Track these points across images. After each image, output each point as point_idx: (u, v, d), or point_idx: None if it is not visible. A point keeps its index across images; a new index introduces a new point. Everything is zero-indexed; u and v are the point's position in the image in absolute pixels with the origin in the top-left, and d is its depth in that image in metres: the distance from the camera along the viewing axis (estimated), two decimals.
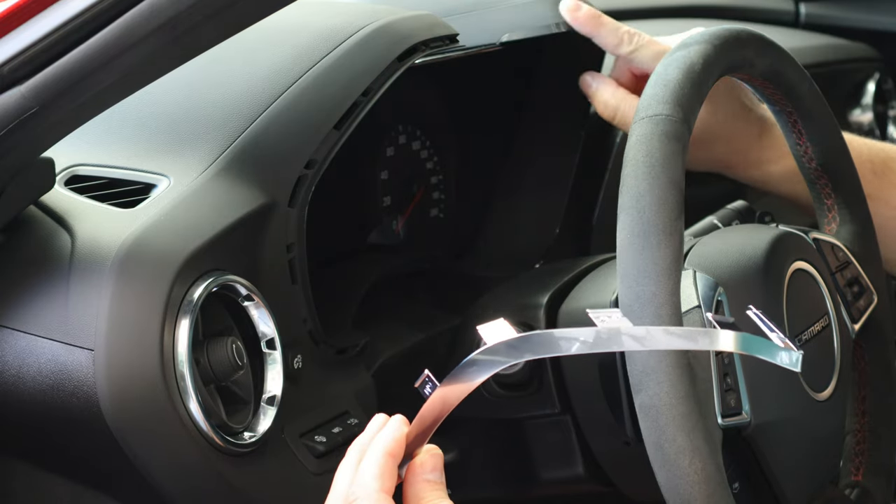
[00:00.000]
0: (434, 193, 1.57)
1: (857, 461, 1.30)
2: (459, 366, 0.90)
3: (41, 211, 1.14)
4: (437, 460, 0.94)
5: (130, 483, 1.10)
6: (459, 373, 0.90)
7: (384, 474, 0.92)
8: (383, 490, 0.91)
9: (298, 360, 1.18)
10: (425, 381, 0.93)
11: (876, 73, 2.33)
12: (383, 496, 0.91)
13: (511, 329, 0.90)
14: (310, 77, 1.24)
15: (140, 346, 1.05)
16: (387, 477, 0.92)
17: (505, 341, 0.89)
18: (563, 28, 1.42)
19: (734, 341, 0.89)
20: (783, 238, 1.20)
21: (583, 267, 1.32)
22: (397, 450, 0.93)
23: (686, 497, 0.98)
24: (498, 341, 0.89)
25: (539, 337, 0.88)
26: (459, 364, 0.90)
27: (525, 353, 0.89)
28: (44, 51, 0.99)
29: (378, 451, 0.93)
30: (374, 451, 0.93)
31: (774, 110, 1.25)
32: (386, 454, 0.93)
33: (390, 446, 0.93)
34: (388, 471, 0.92)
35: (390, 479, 0.92)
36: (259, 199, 1.16)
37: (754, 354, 0.91)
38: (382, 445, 0.93)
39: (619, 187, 1.03)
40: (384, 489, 0.92)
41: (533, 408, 1.26)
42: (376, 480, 0.92)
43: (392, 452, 0.93)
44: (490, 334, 0.90)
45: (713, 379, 1.06)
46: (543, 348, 0.88)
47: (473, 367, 0.90)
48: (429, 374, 0.93)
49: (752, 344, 0.90)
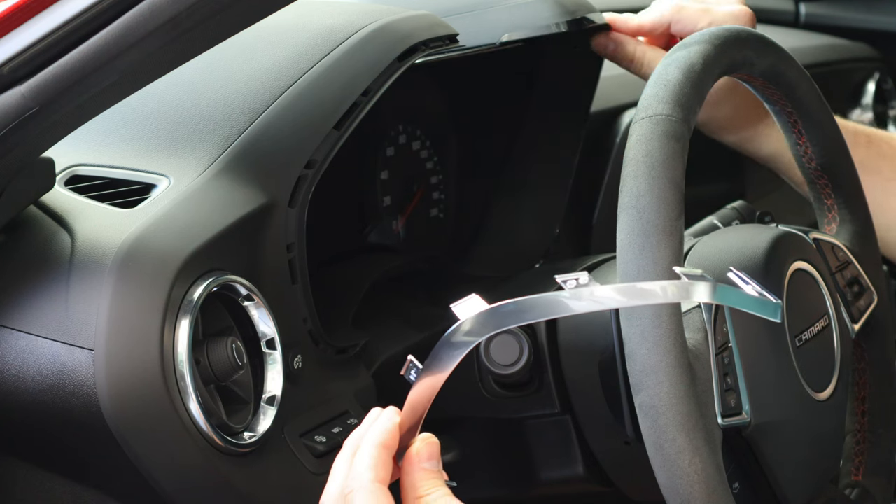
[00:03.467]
0: (434, 193, 1.57)
1: (857, 461, 1.30)
2: (437, 346, 0.91)
3: (41, 211, 1.14)
4: (433, 448, 0.95)
5: (130, 483, 1.10)
6: (438, 354, 0.91)
7: (378, 465, 0.92)
8: (378, 480, 0.92)
9: (298, 360, 1.18)
10: (409, 366, 0.94)
11: (876, 73, 2.34)
12: (378, 486, 0.91)
13: (483, 303, 0.90)
14: (310, 77, 1.24)
15: (140, 346, 1.05)
16: (381, 467, 0.92)
17: (476, 315, 0.90)
18: (563, 28, 1.42)
19: (709, 292, 0.89)
20: (783, 238, 1.20)
21: (583, 267, 1.32)
22: (390, 440, 0.94)
23: (686, 497, 0.98)
24: (469, 316, 0.90)
25: (508, 307, 0.89)
26: (436, 345, 0.91)
27: (498, 325, 0.90)
28: (44, 51, 0.99)
29: (371, 443, 0.93)
30: (368, 442, 0.94)
31: (774, 110, 1.25)
32: (379, 445, 0.93)
33: (383, 437, 0.93)
34: (383, 461, 0.93)
35: (385, 469, 0.93)
36: (259, 199, 1.16)
37: (730, 305, 0.92)
38: (375, 437, 0.94)
39: (619, 187, 1.03)
40: (379, 479, 0.92)
41: (533, 408, 1.26)
42: (371, 471, 0.92)
43: (385, 443, 0.93)
44: (463, 311, 0.91)
45: (713, 379, 1.06)
46: (514, 318, 0.89)
47: (450, 346, 0.91)
48: (412, 359, 0.94)
49: (728, 295, 0.91)
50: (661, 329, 0.99)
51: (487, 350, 1.22)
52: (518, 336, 1.22)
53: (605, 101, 1.66)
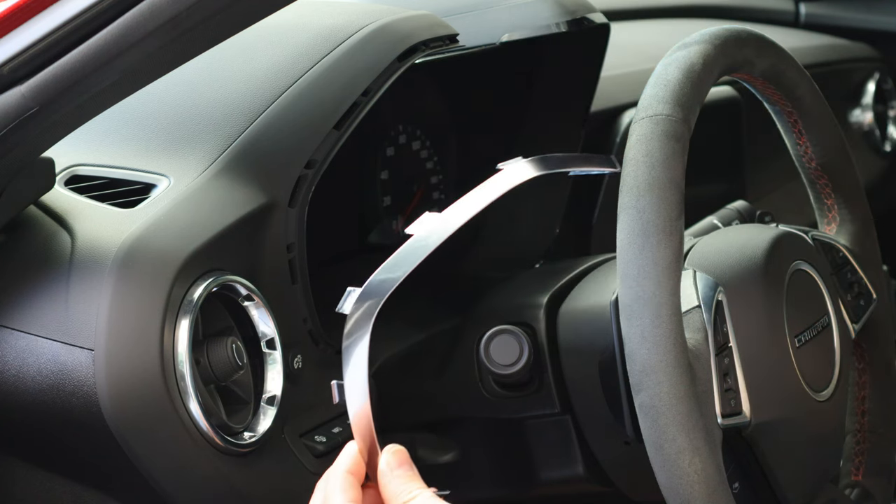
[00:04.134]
0: (434, 193, 1.57)
1: (857, 461, 1.30)
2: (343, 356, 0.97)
3: (41, 211, 1.14)
4: (400, 456, 0.97)
5: (130, 483, 1.10)
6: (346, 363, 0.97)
7: (348, 488, 0.96)
8: (351, 500, 0.95)
9: (298, 360, 1.18)
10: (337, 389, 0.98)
11: (876, 73, 2.34)
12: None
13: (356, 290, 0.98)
14: (310, 77, 1.24)
15: (140, 346, 1.05)
16: (351, 489, 0.96)
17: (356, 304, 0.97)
18: (563, 28, 1.43)
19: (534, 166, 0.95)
20: (783, 238, 1.20)
21: (583, 267, 1.32)
22: (354, 466, 0.97)
23: (686, 497, 0.98)
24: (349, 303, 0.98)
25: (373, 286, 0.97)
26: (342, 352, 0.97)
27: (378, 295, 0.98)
28: (44, 51, 0.99)
29: (337, 473, 0.97)
30: (334, 473, 0.97)
31: (774, 110, 1.25)
32: (345, 472, 0.97)
33: (346, 465, 0.97)
34: (351, 484, 0.96)
35: (354, 490, 0.96)
36: (259, 199, 1.16)
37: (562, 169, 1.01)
38: (339, 466, 0.97)
39: (619, 187, 1.03)
40: (351, 499, 0.95)
41: (533, 408, 1.26)
42: (342, 493, 0.95)
43: (350, 470, 0.97)
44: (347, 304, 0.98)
45: (713, 379, 1.06)
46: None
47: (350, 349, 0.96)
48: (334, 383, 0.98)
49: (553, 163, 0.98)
50: (661, 329, 0.99)
51: (487, 350, 1.22)
52: (518, 336, 1.22)
53: (605, 101, 1.66)
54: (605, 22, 1.50)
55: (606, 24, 1.50)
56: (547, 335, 1.24)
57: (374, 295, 0.99)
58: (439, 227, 0.99)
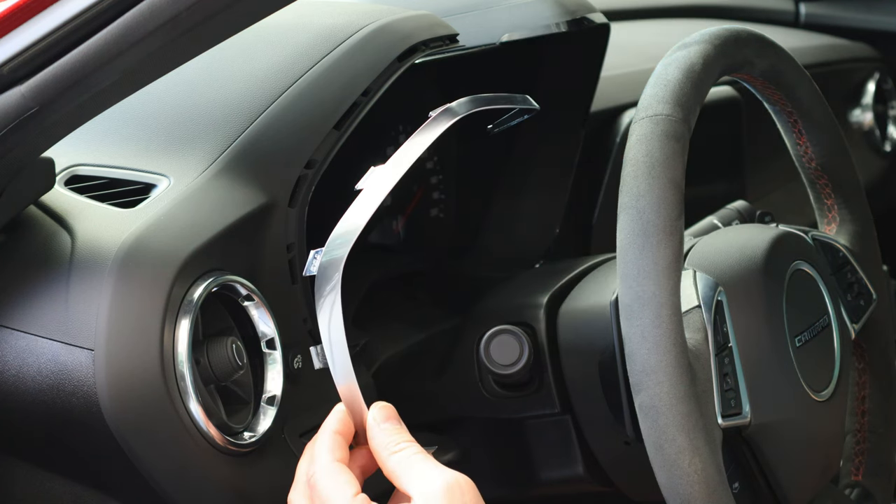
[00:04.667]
0: (434, 193, 1.57)
1: (857, 461, 1.30)
2: (318, 317, 0.98)
3: (41, 211, 1.14)
4: (387, 411, 0.99)
5: (130, 483, 1.10)
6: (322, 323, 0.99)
7: (335, 447, 0.97)
8: (338, 460, 0.96)
9: (298, 360, 1.18)
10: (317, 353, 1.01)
11: (876, 73, 2.34)
12: (338, 465, 0.96)
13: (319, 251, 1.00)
14: (310, 77, 1.24)
15: (140, 346, 1.05)
16: (338, 449, 0.97)
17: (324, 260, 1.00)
18: (563, 28, 1.43)
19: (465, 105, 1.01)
20: (783, 238, 1.20)
21: (583, 267, 1.32)
22: (342, 426, 0.99)
23: (686, 497, 0.98)
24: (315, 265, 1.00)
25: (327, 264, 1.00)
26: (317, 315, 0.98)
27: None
28: (44, 51, 0.99)
29: (325, 431, 0.98)
30: (322, 433, 0.99)
31: (774, 110, 1.25)
32: (332, 432, 0.98)
33: (333, 424, 0.99)
34: (339, 444, 0.98)
35: (342, 450, 0.98)
36: (259, 199, 1.16)
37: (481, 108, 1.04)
38: (327, 425, 0.99)
39: (619, 187, 1.03)
40: (338, 459, 0.96)
41: (533, 408, 1.26)
42: (329, 453, 0.97)
43: (338, 429, 0.98)
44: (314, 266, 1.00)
45: (713, 379, 1.06)
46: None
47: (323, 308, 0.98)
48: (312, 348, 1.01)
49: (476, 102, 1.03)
50: (661, 329, 0.99)
51: (488, 350, 1.22)
52: (518, 336, 1.22)
53: (605, 101, 1.66)
54: (605, 22, 1.50)
55: (606, 24, 1.50)
56: (547, 335, 1.24)
57: (337, 251, 1.00)
58: (385, 177, 1.01)
